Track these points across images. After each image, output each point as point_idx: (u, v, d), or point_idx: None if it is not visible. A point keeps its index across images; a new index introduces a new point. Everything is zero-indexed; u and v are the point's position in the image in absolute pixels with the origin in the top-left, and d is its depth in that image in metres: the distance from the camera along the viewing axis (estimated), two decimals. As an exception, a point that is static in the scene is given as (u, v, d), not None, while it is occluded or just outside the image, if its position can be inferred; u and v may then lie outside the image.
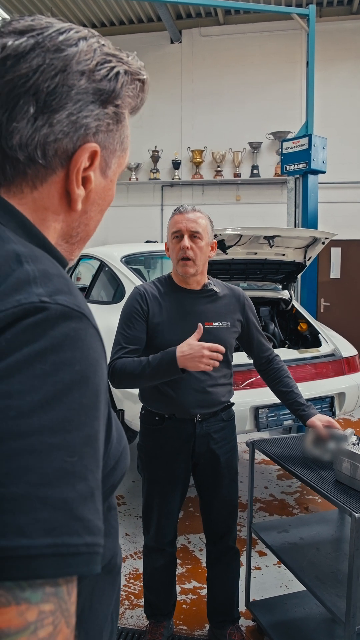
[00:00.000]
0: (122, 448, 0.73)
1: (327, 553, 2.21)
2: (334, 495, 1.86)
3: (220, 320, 2.11)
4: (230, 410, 2.25)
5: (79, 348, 0.57)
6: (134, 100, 0.75)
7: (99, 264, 4.46)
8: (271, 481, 4.15)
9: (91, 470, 0.55)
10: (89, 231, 0.76)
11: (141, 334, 2.05)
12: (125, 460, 0.73)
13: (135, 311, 2.06)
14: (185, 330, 2.01)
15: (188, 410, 2.09)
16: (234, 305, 2.16)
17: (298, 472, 2.08)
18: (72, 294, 0.60)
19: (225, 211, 8.48)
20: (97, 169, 0.71)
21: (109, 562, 0.75)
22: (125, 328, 2.06)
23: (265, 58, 8.41)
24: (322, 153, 5.31)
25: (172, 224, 2.05)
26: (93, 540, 0.53)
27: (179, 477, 2.17)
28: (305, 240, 3.67)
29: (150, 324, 2.05)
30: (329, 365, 3.66)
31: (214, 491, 2.22)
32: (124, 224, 9.01)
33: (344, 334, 4.43)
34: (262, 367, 2.30)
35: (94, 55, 0.68)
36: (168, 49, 8.84)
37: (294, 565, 2.12)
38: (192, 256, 2.01)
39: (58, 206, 0.69)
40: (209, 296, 2.11)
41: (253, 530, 2.41)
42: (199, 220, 2.03)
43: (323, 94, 7.55)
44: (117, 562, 0.78)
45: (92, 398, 0.57)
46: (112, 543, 0.76)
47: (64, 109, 0.65)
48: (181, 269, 2.03)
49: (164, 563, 2.28)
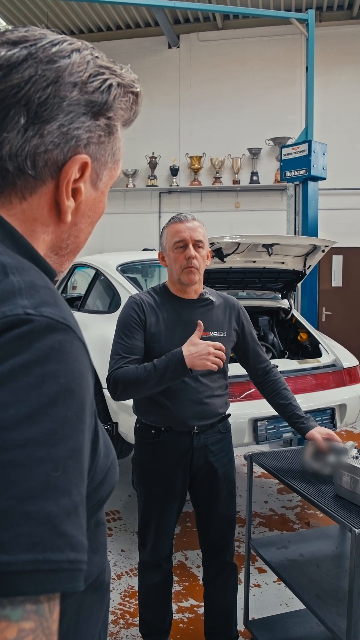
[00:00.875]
0: (110, 462, 0.73)
1: (327, 570, 2.20)
2: (333, 510, 1.85)
3: (217, 330, 2.12)
4: (226, 421, 2.25)
5: (64, 360, 0.57)
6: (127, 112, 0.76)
7: (94, 272, 4.47)
8: (271, 495, 4.13)
9: (75, 485, 0.56)
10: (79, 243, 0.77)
11: (140, 343, 2.05)
12: (113, 475, 0.74)
13: (132, 320, 2.06)
14: (183, 339, 2.01)
15: (185, 423, 2.09)
16: (229, 314, 2.17)
17: (297, 486, 2.07)
18: (58, 306, 0.61)
19: (224, 218, 8.52)
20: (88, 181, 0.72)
21: (96, 579, 0.75)
22: (123, 338, 2.05)
23: (264, 63, 8.47)
24: (323, 159, 5.34)
25: (174, 233, 2.06)
26: (76, 556, 0.54)
27: (176, 492, 2.17)
28: (304, 248, 3.68)
29: (147, 333, 2.05)
30: (329, 376, 3.66)
31: (212, 505, 2.22)
32: (120, 232, 9.04)
33: (346, 343, 4.44)
34: (259, 378, 2.30)
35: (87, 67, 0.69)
36: (166, 54, 8.91)
37: (293, 582, 2.11)
38: (197, 265, 2.04)
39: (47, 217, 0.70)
40: (205, 305, 2.13)
41: (252, 546, 2.40)
42: (200, 229, 2.07)
43: (323, 99, 7.60)
44: (105, 579, 0.78)
45: (77, 411, 0.58)
46: (100, 559, 0.76)
47: (55, 120, 0.66)
48: (187, 276, 2.04)
49: (160, 580, 2.27)
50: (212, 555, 2.28)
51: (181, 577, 3.01)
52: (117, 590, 2.89)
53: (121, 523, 3.65)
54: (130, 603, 2.78)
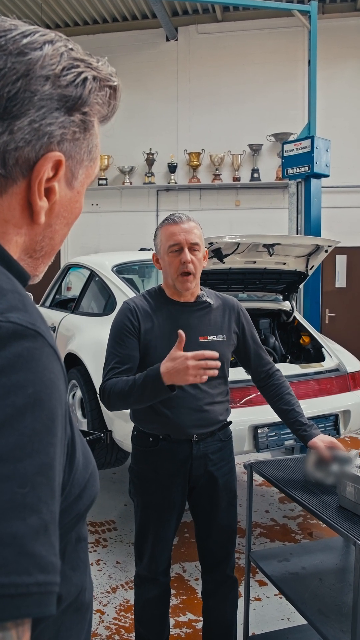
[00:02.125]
0: (89, 475, 0.72)
1: (330, 584, 2.18)
2: (336, 522, 1.84)
3: (216, 334, 2.10)
4: (227, 429, 2.23)
5: (32, 369, 0.56)
6: (104, 108, 0.74)
7: (89, 273, 4.46)
8: (272, 505, 4.12)
9: (45, 502, 0.54)
10: (54, 245, 0.75)
11: (133, 352, 2.03)
12: (93, 488, 0.72)
13: (125, 328, 2.04)
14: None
15: (184, 431, 2.08)
16: (229, 316, 2.15)
17: (299, 496, 2.06)
18: (27, 311, 0.60)
19: (223, 217, 8.52)
20: (62, 180, 0.70)
21: (76, 598, 0.73)
22: (115, 347, 2.04)
23: (265, 56, 8.48)
24: (326, 156, 5.34)
25: (168, 235, 2.03)
26: (46, 578, 0.52)
27: (174, 502, 2.15)
28: (306, 248, 3.67)
29: (142, 340, 2.04)
30: (333, 381, 3.64)
31: (211, 516, 2.20)
32: (116, 231, 9.04)
33: (350, 346, 4.43)
34: (262, 382, 2.29)
35: (60, 60, 0.68)
36: (164, 47, 8.92)
37: (295, 597, 2.10)
38: (193, 270, 2.01)
39: (20, 219, 0.69)
40: (203, 308, 2.10)
41: (251, 558, 2.38)
42: (196, 231, 2.03)
43: (326, 93, 7.61)
44: (85, 598, 0.76)
45: (47, 423, 0.56)
46: (80, 578, 0.75)
47: (25, 116, 0.65)
48: (181, 285, 2.02)
49: (157, 594, 2.25)
50: (212, 568, 2.27)
51: (179, 591, 3.00)
52: (112, 604, 2.87)
53: (116, 534, 3.64)
54: (125, 618, 2.76)
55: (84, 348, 3.80)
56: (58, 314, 4.77)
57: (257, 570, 3.07)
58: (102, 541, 3.54)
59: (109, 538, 3.58)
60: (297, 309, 4.40)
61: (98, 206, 9.26)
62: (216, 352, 1.81)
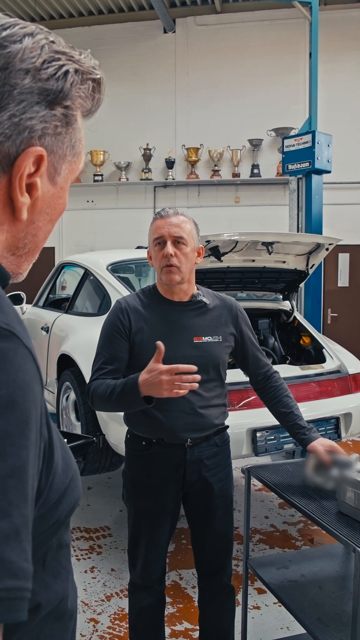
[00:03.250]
0: (70, 480, 0.72)
1: (330, 592, 2.18)
2: (336, 528, 1.84)
3: (211, 335, 2.09)
4: (224, 433, 2.23)
5: (5, 370, 0.57)
6: (87, 101, 0.74)
7: (83, 272, 4.46)
8: (272, 510, 4.12)
9: (16, 506, 0.54)
10: (38, 242, 0.75)
11: (121, 353, 2.04)
12: (73, 493, 0.72)
13: (114, 328, 2.05)
14: (172, 346, 1.99)
15: (177, 435, 2.07)
16: (226, 317, 2.15)
17: (297, 501, 2.05)
18: (2, 311, 0.60)
19: (223, 214, 8.52)
20: (45, 175, 0.70)
21: (57, 606, 0.73)
22: (104, 346, 2.06)
23: (265, 49, 8.48)
24: (327, 151, 5.34)
25: (154, 229, 2.05)
26: (15, 584, 0.52)
27: (168, 508, 2.15)
28: (307, 246, 3.67)
29: (133, 341, 2.04)
30: (334, 383, 3.64)
31: (207, 523, 2.20)
32: (113, 229, 9.04)
33: (352, 347, 4.43)
34: (259, 384, 2.29)
35: (41, 53, 0.67)
36: (161, 39, 8.91)
37: (294, 605, 2.10)
38: (177, 263, 2.00)
39: (1, 215, 0.69)
40: (198, 308, 2.10)
41: (249, 566, 2.38)
42: (183, 225, 2.02)
43: (328, 87, 7.61)
44: (67, 606, 0.76)
45: (20, 425, 0.57)
46: (62, 585, 0.75)
47: (5, 110, 0.65)
48: (165, 276, 2.01)
49: (152, 602, 2.25)
50: (208, 576, 2.26)
51: (175, 599, 3.00)
52: (107, 612, 2.87)
53: (111, 540, 3.64)
54: (120, 627, 2.76)
55: (78, 349, 3.80)
56: (51, 314, 4.77)
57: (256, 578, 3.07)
58: (97, 548, 3.54)
59: (103, 545, 3.58)
60: (297, 309, 4.41)
61: (93, 203, 9.25)
62: (194, 366, 1.77)
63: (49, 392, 4.75)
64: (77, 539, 3.65)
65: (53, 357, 4.35)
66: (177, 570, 3.28)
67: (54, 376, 4.36)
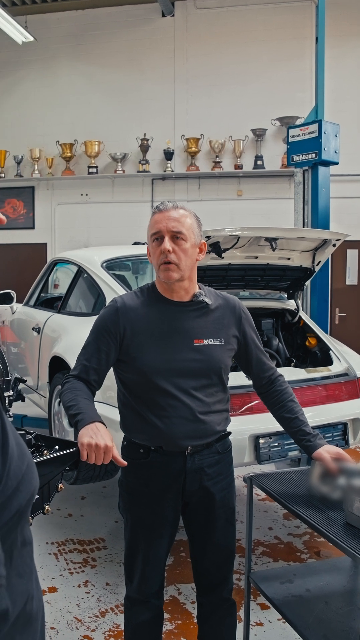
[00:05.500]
0: (26, 466, 0.72)
1: (337, 608, 2.19)
2: (343, 540, 1.84)
3: (213, 337, 2.08)
4: (226, 440, 2.23)
5: None
6: None
7: (76, 269, 4.45)
8: (276, 521, 4.12)
9: None
10: None
11: (104, 355, 2.06)
12: (31, 480, 0.73)
13: (104, 328, 2.06)
14: (171, 349, 1.99)
15: (177, 442, 2.07)
16: (229, 318, 2.14)
17: (302, 512, 2.06)
18: None
19: (224, 208, 8.53)
20: None
21: (23, 608, 0.73)
22: (91, 342, 2.10)
23: (269, 33, 8.48)
24: (334, 141, 5.34)
25: (152, 224, 2.04)
26: None
27: (166, 519, 2.15)
28: (313, 242, 3.67)
29: (128, 343, 2.04)
30: (341, 387, 3.64)
31: (207, 534, 2.20)
32: (108, 223, 9.05)
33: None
34: (263, 389, 2.28)
35: None
36: (159, 24, 8.92)
37: (298, 622, 2.10)
38: (175, 260, 1.98)
39: None
40: (200, 309, 2.09)
41: (251, 580, 2.39)
42: (182, 219, 2.01)
43: (336, 74, 7.61)
44: (33, 608, 0.77)
45: None
46: (26, 585, 0.75)
47: None
48: (163, 274, 2.01)
49: (149, 617, 2.25)
50: (208, 590, 2.26)
51: (173, 614, 3.00)
52: (101, 629, 2.87)
53: (106, 553, 3.64)
54: (115, 644, 2.76)
55: (71, 351, 3.79)
56: (43, 314, 4.77)
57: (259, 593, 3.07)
58: (91, 561, 3.54)
59: (98, 557, 3.58)
60: (303, 309, 4.40)
61: (88, 196, 9.26)
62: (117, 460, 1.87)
63: (40, 396, 4.75)
64: (70, 551, 3.65)
65: (45, 359, 4.35)
66: (175, 584, 3.28)
67: (45, 379, 4.36)
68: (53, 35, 9.10)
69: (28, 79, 9.45)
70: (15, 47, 8.55)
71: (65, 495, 4.43)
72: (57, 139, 9.08)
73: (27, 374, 5.07)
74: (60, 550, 3.68)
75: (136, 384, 2.06)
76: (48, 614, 2.97)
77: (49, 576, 3.34)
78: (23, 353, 5.27)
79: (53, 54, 9.24)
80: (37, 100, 9.37)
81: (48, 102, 9.31)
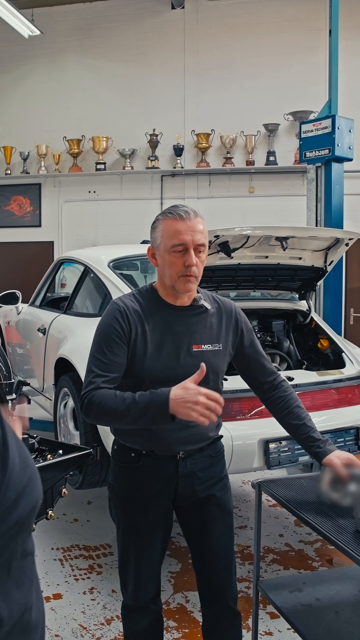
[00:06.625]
0: (28, 478, 0.73)
1: (347, 618, 2.19)
2: (353, 549, 1.84)
3: (211, 343, 2.08)
4: (218, 443, 2.23)
5: None
6: None
7: (83, 269, 4.47)
8: (287, 528, 4.12)
9: None
10: None
11: (121, 359, 2.01)
12: (33, 492, 0.74)
13: (114, 332, 2.01)
14: (171, 355, 1.99)
15: (169, 447, 2.08)
16: (226, 322, 2.13)
17: (311, 519, 2.06)
18: None
19: (236, 205, 8.52)
20: None
21: (20, 617, 0.75)
22: (101, 352, 2.01)
23: (282, 25, 8.47)
24: (349, 137, 5.33)
25: (172, 233, 1.99)
26: None
27: (157, 523, 2.15)
28: (325, 241, 3.67)
29: (131, 347, 2.02)
30: (354, 390, 3.63)
31: (204, 540, 2.20)
32: (116, 221, 9.07)
33: (375, 351, 4.42)
34: (265, 394, 2.26)
35: None
36: (169, 16, 8.93)
37: (307, 632, 2.10)
38: (197, 273, 2.00)
39: None
40: (199, 314, 2.09)
41: (260, 588, 2.39)
42: (204, 230, 2.01)
43: (350, 67, 7.58)
44: (31, 618, 0.78)
45: None
46: (24, 595, 0.76)
47: None
48: (183, 285, 2.00)
49: (149, 624, 2.25)
50: (210, 600, 2.26)
51: (180, 623, 3.01)
52: (107, 637, 2.89)
53: (113, 559, 3.65)
54: (121, 653, 2.78)
55: (77, 353, 3.82)
56: (49, 315, 4.80)
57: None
58: (97, 567, 3.56)
59: (104, 564, 3.60)
60: (315, 309, 4.40)
61: (95, 193, 9.29)
62: (222, 399, 1.82)
63: (45, 399, 4.78)
64: (76, 557, 3.67)
65: (50, 361, 4.38)
66: (183, 592, 3.29)
67: (51, 381, 4.39)
68: (60, 28, 9.14)
69: (34, 73, 9.50)
70: (22, 41, 8.60)
71: (71, 500, 4.45)
72: (64, 134, 9.12)
73: (33, 375, 5.10)
74: (66, 556, 3.70)
75: (130, 388, 1.98)
76: (53, 621, 3.00)
77: (54, 582, 3.36)
78: (28, 354, 5.30)
79: (60, 47, 9.28)
80: (43, 95, 9.41)
81: (55, 97, 9.35)
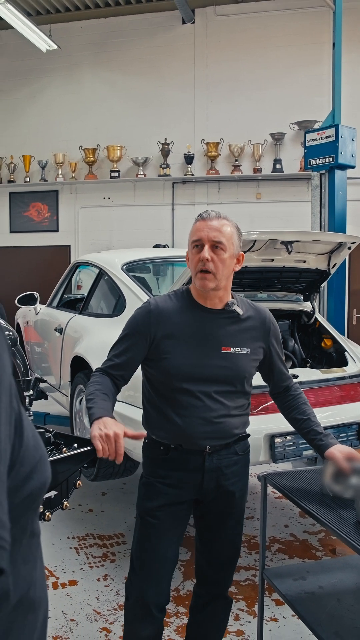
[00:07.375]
0: (40, 457, 0.75)
1: (349, 605, 2.18)
2: (354, 539, 1.83)
3: (240, 346, 2.09)
4: (245, 442, 2.23)
5: None
6: None
7: (98, 271, 4.49)
8: (292, 519, 4.11)
9: None
10: None
11: (133, 354, 2.08)
12: (43, 471, 0.76)
13: (135, 328, 2.09)
14: (199, 355, 2.01)
15: (196, 441, 2.08)
16: (258, 329, 2.14)
17: (314, 510, 2.05)
18: None
19: (244, 211, 8.51)
20: None
21: (26, 593, 0.76)
22: (121, 340, 2.14)
23: (288, 39, 8.46)
24: (351, 145, 5.32)
25: (193, 231, 2.04)
26: None
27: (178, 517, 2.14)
28: (328, 245, 3.66)
29: (158, 344, 2.05)
30: (356, 387, 3.62)
31: (217, 532, 2.20)
32: (130, 226, 9.08)
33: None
34: (279, 395, 2.32)
35: None
36: (180, 31, 8.94)
37: (310, 618, 2.10)
38: (213, 269, 1.99)
39: None
40: (230, 317, 2.10)
41: (265, 576, 2.39)
42: (224, 229, 2.00)
43: (353, 78, 7.57)
44: (35, 595, 0.79)
45: None
46: (29, 572, 0.77)
47: None
48: (199, 282, 2.02)
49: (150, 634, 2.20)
50: (208, 583, 2.28)
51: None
52: (119, 622, 2.89)
53: (126, 547, 3.66)
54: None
55: (92, 351, 3.83)
56: (65, 315, 4.81)
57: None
58: (110, 555, 3.57)
59: (117, 552, 3.61)
60: (319, 310, 4.39)
61: (110, 200, 9.31)
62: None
63: (62, 395, 4.80)
64: (90, 545, 3.68)
65: (66, 359, 4.39)
66: (192, 580, 3.28)
67: (67, 378, 4.40)
68: (76, 43, 9.18)
69: (52, 86, 9.53)
70: (40, 55, 8.64)
71: (86, 491, 4.47)
72: (80, 144, 9.15)
73: (50, 373, 5.12)
74: (81, 544, 3.71)
75: (161, 383, 2.08)
76: (68, 606, 3.01)
77: (70, 570, 3.38)
78: (46, 353, 5.33)
79: (76, 61, 9.31)
80: (60, 107, 9.45)
81: (71, 108, 9.39)
